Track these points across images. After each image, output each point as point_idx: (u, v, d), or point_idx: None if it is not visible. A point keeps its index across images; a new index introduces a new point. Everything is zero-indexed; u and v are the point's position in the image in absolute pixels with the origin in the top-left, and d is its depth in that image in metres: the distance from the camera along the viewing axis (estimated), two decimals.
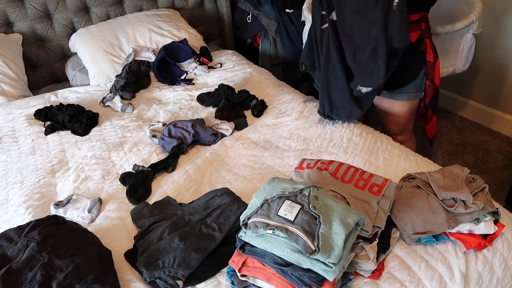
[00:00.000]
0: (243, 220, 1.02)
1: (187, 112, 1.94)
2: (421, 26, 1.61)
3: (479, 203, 1.13)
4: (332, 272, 0.93)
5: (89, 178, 1.53)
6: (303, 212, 0.98)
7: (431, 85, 1.70)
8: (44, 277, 0.99)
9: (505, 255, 1.18)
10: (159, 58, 2.25)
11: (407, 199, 1.20)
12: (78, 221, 1.32)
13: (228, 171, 1.52)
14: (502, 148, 2.64)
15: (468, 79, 2.82)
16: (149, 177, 1.49)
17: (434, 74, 1.68)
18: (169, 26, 2.44)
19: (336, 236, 0.95)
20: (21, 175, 1.57)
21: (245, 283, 1.04)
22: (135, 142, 1.72)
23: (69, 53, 2.47)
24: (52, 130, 1.82)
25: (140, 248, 1.18)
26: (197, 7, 2.78)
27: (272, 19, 2.62)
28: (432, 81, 1.69)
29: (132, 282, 1.10)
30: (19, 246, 1.08)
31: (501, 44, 2.56)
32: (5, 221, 1.36)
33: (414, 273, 1.10)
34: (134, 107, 1.99)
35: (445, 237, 1.16)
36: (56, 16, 2.36)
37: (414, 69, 1.68)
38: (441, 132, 2.82)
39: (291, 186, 1.05)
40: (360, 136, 1.65)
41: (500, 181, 2.38)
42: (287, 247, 0.96)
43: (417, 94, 1.74)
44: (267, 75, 2.21)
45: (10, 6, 2.22)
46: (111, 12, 2.50)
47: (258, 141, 1.69)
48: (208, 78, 2.24)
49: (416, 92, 1.73)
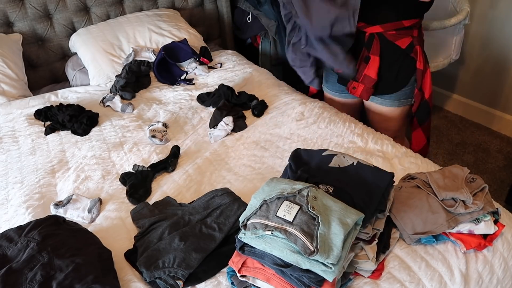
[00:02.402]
0: (242, 221, 1.02)
1: (187, 112, 1.94)
2: (413, 33, 1.61)
3: (479, 203, 1.13)
4: (331, 272, 0.93)
5: (89, 178, 1.53)
6: (302, 212, 0.98)
7: (419, 93, 1.70)
8: (44, 277, 0.99)
9: (505, 255, 1.18)
10: (159, 58, 2.25)
11: (407, 199, 1.20)
12: (78, 221, 1.32)
13: (228, 171, 1.52)
14: (502, 148, 2.64)
15: (469, 79, 2.82)
16: (149, 177, 1.49)
17: (424, 83, 1.68)
18: (169, 26, 2.44)
19: (334, 236, 0.95)
20: (21, 175, 1.57)
21: (245, 283, 1.04)
22: (135, 142, 1.72)
23: (69, 53, 2.47)
24: (52, 130, 1.82)
25: (140, 248, 1.18)
26: (197, 7, 2.79)
27: (272, 19, 2.62)
28: (421, 89, 1.69)
29: (132, 282, 1.10)
30: (19, 246, 1.08)
31: (502, 44, 2.55)
32: (5, 221, 1.36)
33: (414, 273, 1.10)
34: (134, 107, 1.99)
35: (445, 237, 1.16)
36: (56, 16, 2.36)
37: (404, 75, 1.68)
38: (441, 132, 2.82)
39: (290, 186, 1.05)
40: (360, 136, 1.65)
41: (500, 181, 2.38)
42: (286, 248, 0.96)
43: (407, 100, 1.74)
44: (267, 75, 2.21)
45: (10, 6, 2.22)
46: (111, 12, 2.50)
47: (259, 141, 1.69)
48: (208, 78, 2.24)
49: (406, 98, 1.74)
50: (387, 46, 1.64)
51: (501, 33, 2.53)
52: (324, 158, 1.27)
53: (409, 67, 1.66)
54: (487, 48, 2.64)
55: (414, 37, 1.62)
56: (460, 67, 2.82)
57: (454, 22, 2.20)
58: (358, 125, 1.73)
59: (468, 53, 2.74)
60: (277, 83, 2.13)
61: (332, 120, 1.76)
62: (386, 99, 1.74)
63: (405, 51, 1.62)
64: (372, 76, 1.68)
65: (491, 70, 2.67)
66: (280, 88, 2.07)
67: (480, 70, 2.73)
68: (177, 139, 1.74)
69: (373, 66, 1.67)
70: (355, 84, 1.73)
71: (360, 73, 1.72)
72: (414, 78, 1.68)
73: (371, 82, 1.69)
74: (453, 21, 2.19)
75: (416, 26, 1.62)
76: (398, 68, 1.66)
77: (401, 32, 1.60)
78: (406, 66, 1.66)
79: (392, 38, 1.62)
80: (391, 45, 1.63)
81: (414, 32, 1.61)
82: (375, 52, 1.65)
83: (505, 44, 2.54)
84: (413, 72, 1.67)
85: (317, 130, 1.72)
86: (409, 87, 1.70)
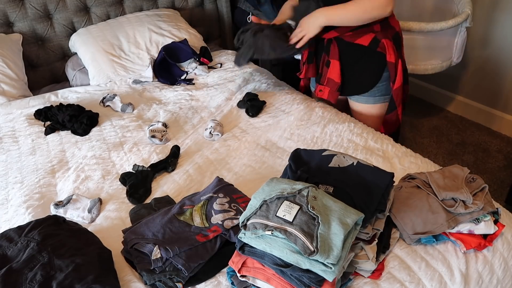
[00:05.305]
0: (242, 221, 1.02)
1: (187, 112, 1.94)
2: (375, 28, 1.60)
3: (479, 203, 1.13)
4: (331, 272, 0.93)
5: (89, 178, 1.53)
6: (302, 212, 0.98)
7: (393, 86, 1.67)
8: (44, 277, 0.99)
9: (505, 255, 1.18)
10: (159, 58, 2.25)
11: (407, 199, 1.20)
12: (78, 221, 1.32)
13: (228, 171, 1.52)
14: (502, 148, 2.64)
15: (468, 79, 2.82)
16: (149, 177, 1.49)
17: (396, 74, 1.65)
18: (169, 26, 2.44)
19: (334, 236, 0.95)
20: (21, 175, 1.57)
21: (245, 283, 1.04)
22: (135, 142, 1.72)
23: (69, 53, 2.47)
24: (52, 130, 1.82)
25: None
26: (197, 7, 2.78)
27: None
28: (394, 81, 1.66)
29: (132, 282, 1.10)
30: (19, 246, 1.08)
31: (502, 44, 2.56)
32: (5, 221, 1.36)
33: (414, 273, 1.10)
34: (134, 107, 1.99)
35: (445, 237, 1.16)
36: (56, 16, 2.36)
37: (373, 72, 1.67)
38: (441, 132, 2.82)
39: (290, 186, 1.05)
40: (360, 136, 1.65)
41: (500, 181, 2.38)
42: (286, 248, 0.96)
43: (384, 97, 1.73)
44: (267, 75, 2.21)
45: (10, 6, 2.22)
46: (111, 12, 2.50)
47: (259, 141, 1.69)
48: (208, 78, 2.24)
49: (381, 95, 1.72)
50: (347, 47, 1.64)
51: (501, 33, 2.53)
52: (324, 158, 1.27)
53: (378, 63, 1.64)
54: (487, 48, 2.64)
55: (377, 31, 1.60)
56: (460, 67, 2.82)
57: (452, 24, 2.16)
58: (357, 124, 1.73)
59: (468, 53, 2.74)
60: (277, 83, 2.14)
61: (332, 120, 1.76)
62: (363, 96, 1.74)
63: (370, 48, 1.61)
64: (335, 79, 1.69)
65: (491, 70, 2.67)
66: (280, 88, 2.07)
67: (480, 70, 2.73)
68: (177, 138, 1.74)
69: (335, 70, 1.68)
70: (321, 87, 1.74)
71: (324, 76, 1.73)
72: (388, 73, 1.67)
73: (335, 85, 1.70)
74: (451, 23, 2.16)
75: (377, 21, 1.59)
76: (364, 67, 1.65)
77: (359, 31, 1.60)
78: (374, 63, 1.65)
79: (350, 39, 1.62)
80: (351, 45, 1.63)
81: (376, 27, 1.60)
82: (334, 56, 1.67)
83: (505, 44, 2.54)
84: (384, 68, 1.65)
85: (317, 130, 1.72)
86: (383, 83, 1.69)
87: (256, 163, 1.55)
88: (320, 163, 1.26)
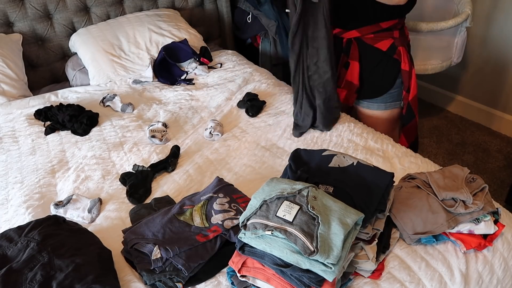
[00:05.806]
0: (242, 221, 1.02)
1: (187, 112, 1.94)
2: (394, 34, 1.58)
3: (479, 203, 1.13)
4: (331, 272, 0.93)
5: (89, 178, 1.53)
6: (302, 212, 0.98)
7: (407, 95, 1.67)
8: (44, 277, 0.99)
9: (505, 255, 1.18)
10: (159, 58, 2.25)
11: (407, 199, 1.20)
12: (78, 221, 1.32)
13: (228, 171, 1.52)
14: (502, 148, 2.64)
15: (468, 79, 2.82)
16: (149, 177, 1.49)
17: (411, 84, 1.65)
18: (169, 26, 2.44)
19: (334, 236, 0.95)
20: (21, 175, 1.57)
21: (245, 283, 1.04)
22: (135, 142, 1.72)
23: (69, 53, 2.47)
24: (52, 130, 1.82)
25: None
26: (197, 7, 2.78)
27: (272, 19, 2.62)
28: (408, 90, 1.66)
29: (132, 282, 1.10)
30: (19, 246, 1.08)
31: (502, 44, 2.56)
32: (5, 221, 1.36)
33: (414, 273, 1.10)
34: (134, 107, 1.99)
35: (445, 237, 1.16)
36: (56, 16, 2.36)
37: (388, 78, 1.65)
38: (441, 132, 2.82)
39: (290, 186, 1.05)
40: (360, 136, 1.65)
41: (500, 181, 2.38)
42: (286, 248, 0.96)
43: (395, 103, 1.72)
44: (267, 75, 2.21)
45: (10, 6, 2.22)
46: (111, 12, 2.50)
47: (259, 141, 1.69)
48: (208, 78, 2.24)
49: (393, 101, 1.71)
50: (366, 50, 1.62)
51: (501, 33, 2.53)
52: (324, 158, 1.27)
53: (393, 69, 1.63)
54: (487, 48, 2.64)
55: (396, 38, 1.59)
56: (460, 67, 2.82)
57: (452, 24, 2.15)
58: (357, 124, 1.73)
59: (468, 53, 2.74)
60: (277, 83, 2.13)
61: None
62: (372, 102, 1.73)
63: (387, 53, 1.60)
64: (354, 81, 1.67)
65: (491, 70, 2.67)
66: (280, 88, 2.07)
67: (480, 70, 2.73)
68: (177, 138, 1.74)
69: (354, 72, 1.65)
70: (338, 90, 1.71)
71: (341, 79, 1.71)
72: (400, 80, 1.66)
73: (354, 88, 1.68)
74: (451, 23, 2.15)
75: (397, 27, 1.58)
76: (381, 72, 1.63)
77: (380, 34, 1.57)
78: (389, 69, 1.63)
79: (371, 42, 1.60)
80: (370, 48, 1.61)
81: (395, 33, 1.58)
82: (354, 57, 1.63)
83: (505, 44, 2.54)
84: (398, 74, 1.64)
85: (317, 130, 1.71)
86: (396, 90, 1.68)
87: (256, 163, 1.55)
88: (320, 163, 1.26)
